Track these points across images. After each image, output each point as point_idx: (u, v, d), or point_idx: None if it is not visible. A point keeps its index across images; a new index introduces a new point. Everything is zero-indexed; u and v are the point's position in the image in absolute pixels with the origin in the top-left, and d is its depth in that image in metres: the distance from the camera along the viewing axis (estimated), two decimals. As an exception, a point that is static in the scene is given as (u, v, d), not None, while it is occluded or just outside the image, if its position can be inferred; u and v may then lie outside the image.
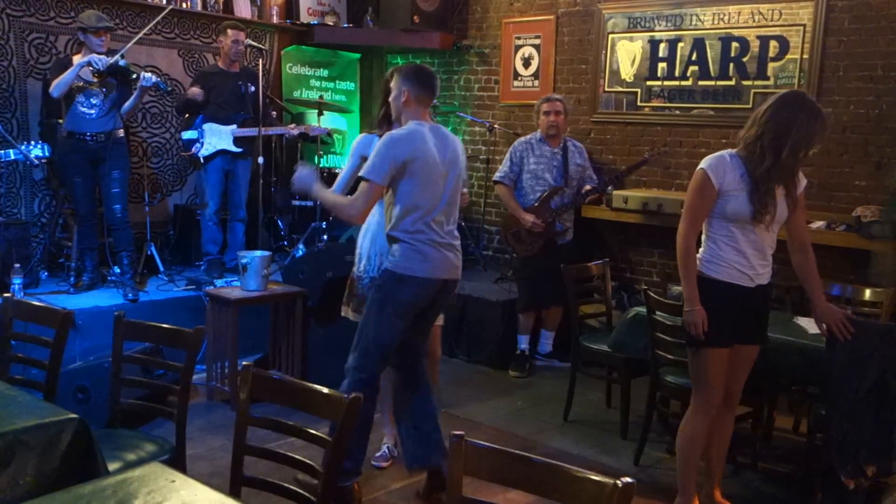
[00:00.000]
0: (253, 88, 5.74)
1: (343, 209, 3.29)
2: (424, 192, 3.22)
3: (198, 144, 5.64)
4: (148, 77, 4.98)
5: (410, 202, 3.21)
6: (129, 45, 5.18)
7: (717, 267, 3.11)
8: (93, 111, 5.02)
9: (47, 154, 4.59)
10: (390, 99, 3.39)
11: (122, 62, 4.94)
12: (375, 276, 3.47)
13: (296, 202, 6.58)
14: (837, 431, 3.23)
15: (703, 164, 3.09)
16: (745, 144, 3.04)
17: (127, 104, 5.14)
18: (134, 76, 5.00)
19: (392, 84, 3.36)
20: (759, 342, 3.27)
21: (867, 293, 4.20)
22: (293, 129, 5.91)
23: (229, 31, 5.70)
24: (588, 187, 5.36)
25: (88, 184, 5.11)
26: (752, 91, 5.51)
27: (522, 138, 5.48)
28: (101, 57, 4.88)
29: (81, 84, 4.95)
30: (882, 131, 5.00)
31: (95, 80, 4.96)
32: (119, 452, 2.65)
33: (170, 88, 5.46)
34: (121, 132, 5.20)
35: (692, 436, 3.25)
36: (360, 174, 3.23)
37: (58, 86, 4.88)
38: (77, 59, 4.98)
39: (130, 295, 5.06)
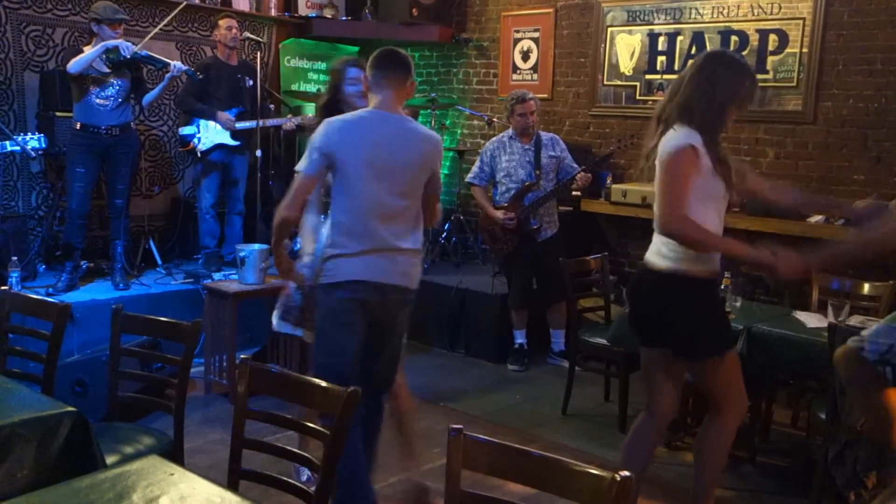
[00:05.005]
0: (251, 82, 5.73)
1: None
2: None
3: (195, 139, 5.63)
4: (178, 66, 5.00)
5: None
6: (147, 38, 5.15)
7: (706, 259, 2.84)
8: (108, 103, 4.97)
9: (44, 145, 4.57)
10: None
11: (144, 52, 4.93)
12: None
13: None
14: (837, 439, 3.20)
15: (683, 141, 2.74)
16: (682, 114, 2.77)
17: (151, 94, 5.14)
18: (161, 66, 5.02)
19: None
20: None
21: (866, 287, 4.20)
22: (290, 121, 5.90)
23: (221, 22, 5.71)
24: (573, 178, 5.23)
25: (90, 177, 5.04)
26: (752, 85, 5.51)
27: (495, 137, 5.46)
28: (128, 45, 4.84)
29: (95, 75, 4.90)
30: (881, 125, 5.00)
31: (109, 70, 4.92)
32: (117, 445, 2.65)
33: (200, 76, 5.43)
34: (133, 125, 5.18)
35: (727, 448, 3.06)
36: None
37: (77, 62, 4.76)
38: (88, 50, 4.91)
39: (121, 284, 5.04)
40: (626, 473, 1.61)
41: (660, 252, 2.91)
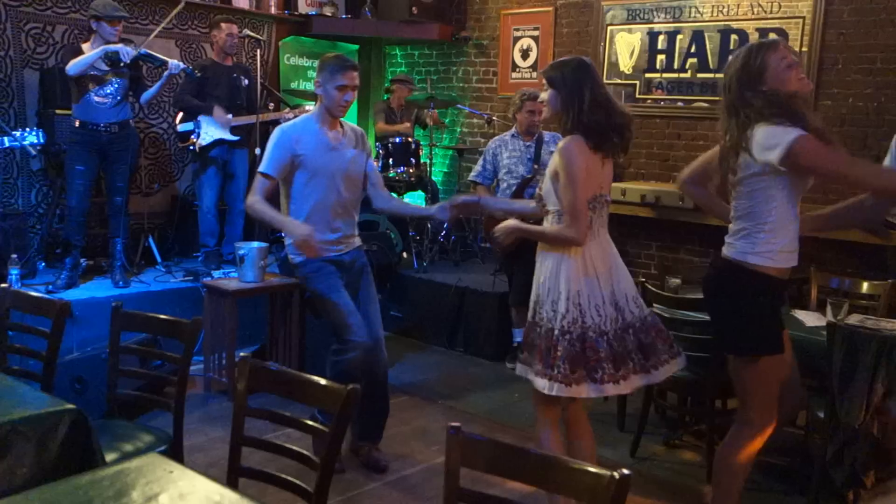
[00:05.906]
0: (247, 82, 5.73)
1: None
2: None
3: (195, 135, 5.63)
4: (177, 64, 5.01)
5: None
6: (150, 37, 5.15)
7: (774, 251, 2.65)
8: (107, 101, 4.97)
9: (42, 140, 4.56)
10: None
11: (143, 51, 4.94)
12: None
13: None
14: (836, 438, 3.20)
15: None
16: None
17: (149, 92, 5.15)
18: (159, 64, 5.03)
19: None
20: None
21: (865, 286, 4.20)
22: (288, 114, 5.90)
23: (222, 25, 5.68)
24: None
25: (89, 175, 5.05)
26: (751, 83, 5.51)
27: (497, 136, 5.47)
28: (129, 49, 4.86)
29: (94, 74, 4.90)
30: (881, 124, 5.00)
31: (108, 69, 4.93)
32: (116, 443, 2.65)
33: (199, 74, 5.43)
34: (132, 122, 5.19)
35: (747, 461, 2.87)
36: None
37: (77, 64, 4.78)
38: (87, 47, 4.93)
39: (121, 282, 5.05)
40: (625, 471, 1.61)
41: (728, 243, 2.77)
